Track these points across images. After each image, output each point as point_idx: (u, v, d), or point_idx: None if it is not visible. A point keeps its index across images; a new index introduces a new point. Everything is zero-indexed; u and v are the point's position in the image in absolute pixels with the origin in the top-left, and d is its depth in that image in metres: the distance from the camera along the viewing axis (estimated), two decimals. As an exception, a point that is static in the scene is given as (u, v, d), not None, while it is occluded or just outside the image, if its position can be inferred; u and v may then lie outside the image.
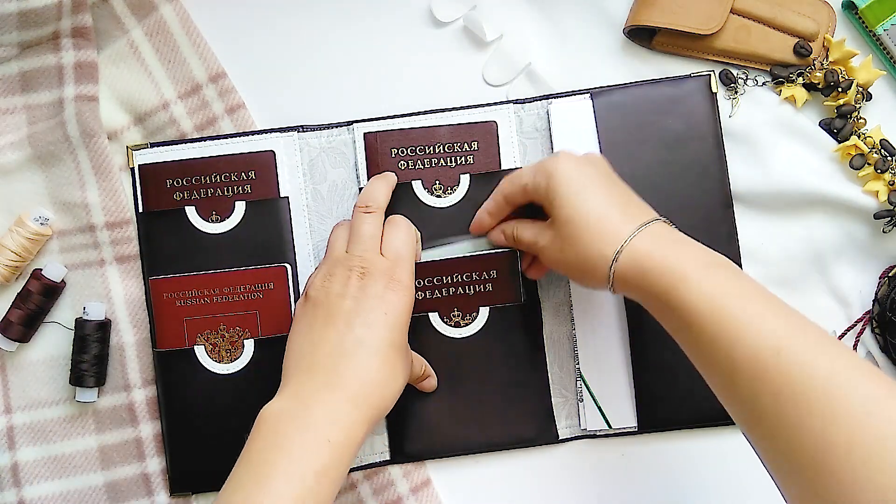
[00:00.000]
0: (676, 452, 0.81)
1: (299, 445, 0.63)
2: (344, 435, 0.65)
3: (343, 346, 0.68)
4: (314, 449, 0.63)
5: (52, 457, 0.80)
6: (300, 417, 0.65)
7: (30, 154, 0.80)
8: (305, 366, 0.68)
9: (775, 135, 0.81)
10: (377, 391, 0.68)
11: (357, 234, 0.73)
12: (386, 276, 0.71)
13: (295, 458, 0.63)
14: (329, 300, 0.70)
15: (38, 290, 0.79)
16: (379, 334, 0.69)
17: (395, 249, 0.73)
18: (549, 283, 0.81)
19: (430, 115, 0.81)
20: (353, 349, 0.68)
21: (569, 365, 0.81)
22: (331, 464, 0.63)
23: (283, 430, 0.64)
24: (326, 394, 0.66)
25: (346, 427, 0.65)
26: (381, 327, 0.69)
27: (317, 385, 0.67)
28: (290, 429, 0.64)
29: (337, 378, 0.67)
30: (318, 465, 0.63)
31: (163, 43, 0.82)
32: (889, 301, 0.78)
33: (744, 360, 0.59)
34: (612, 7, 0.83)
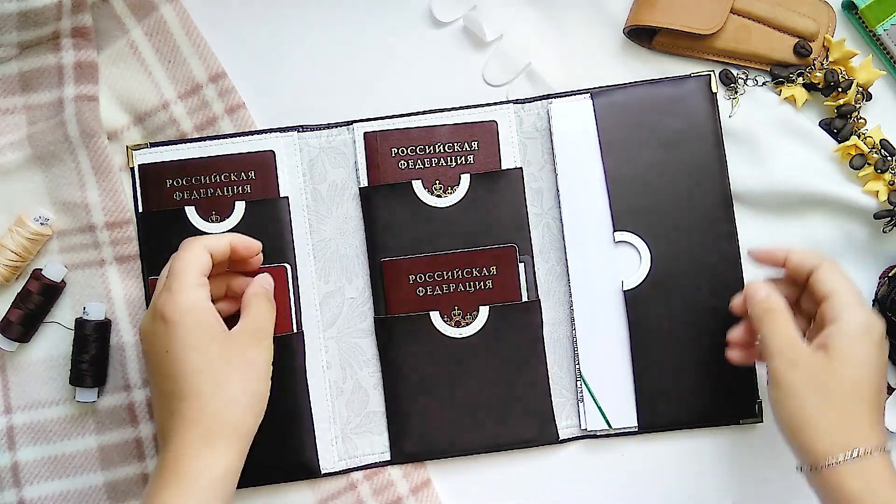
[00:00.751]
0: (676, 452, 0.81)
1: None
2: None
3: (167, 412, 0.69)
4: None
5: (52, 457, 0.80)
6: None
7: (30, 154, 0.80)
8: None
9: (775, 135, 0.81)
10: (209, 414, 0.68)
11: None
12: (154, 315, 0.69)
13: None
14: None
15: (38, 290, 0.79)
16: (175, 372, 0.68)
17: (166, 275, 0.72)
18: (549, 283, 0.81)
19: (430, 114, 0.81)
20: (170, 409, 0.69)
21: (569, 365, 0.81)
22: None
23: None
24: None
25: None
26: (173, 365, 0.68)
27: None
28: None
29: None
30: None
31: (163, 43, 0.82)
32: (889, 301, 0.78)
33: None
34: (612, 7, 0.83)
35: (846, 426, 0.65)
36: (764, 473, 0.81)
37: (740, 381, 0.80)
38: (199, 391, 0.67)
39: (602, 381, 0.80)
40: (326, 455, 0.80)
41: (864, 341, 0.67)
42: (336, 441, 0.81)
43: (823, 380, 0.66)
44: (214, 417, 0.67)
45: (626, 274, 0.80)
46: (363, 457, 0.81)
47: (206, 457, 0.66)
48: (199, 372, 0.67)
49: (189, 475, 0.66)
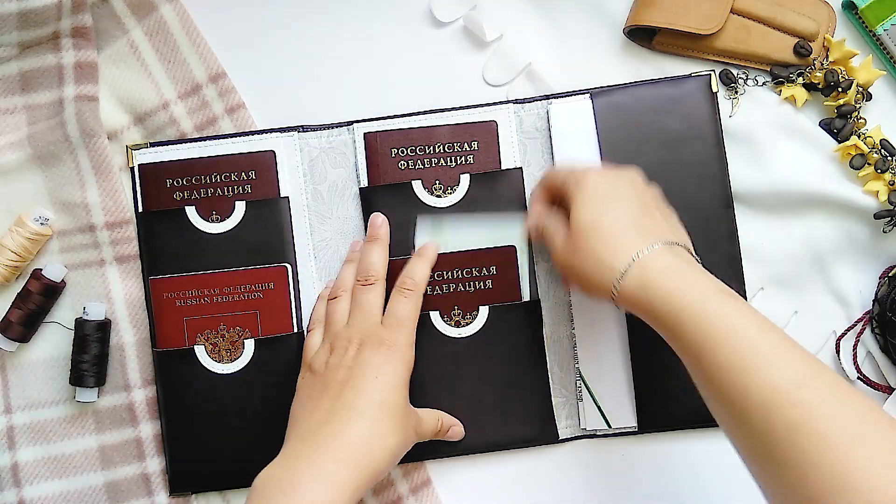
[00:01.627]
0: (676, 452, 0.81)
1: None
2: (329, 495, 0.65)
3: (332, 412, 0.70)
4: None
5: (52, 457, 0.80)
6: (286, 481, 0.66)
7: (30, 154, 0.80)
8: (298, 434, 0.71)
9: (775, 135, 0.81)
10: (364, 450, 0.68)
11: (358, 307, 0.76)
12: (382, 344, 0.73)
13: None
14: (326, 372, 0.73)
15: (38, 290, 0.79)
16: (368, 397, 0.70)
17: (395, 316, 0.76)
18: (549, 283, 0.81)
19: (430, 114, 0.81)
20: (341, 413, 0.69)
21: (569, 365, 0.81)
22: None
23: (270, 495, 0.65)
24: (312, 457, 0.67)
25: (332, 486, 0.65)
26: (370, 390, 0.70)
27: (305, 450, 0.68)
28: (276, 492, 0.65)
29: (323, 441, 0.68)
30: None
31: (163, 43, 0.82)
32: (889, 301, 0.78)
33: (760, 391, 0.58)
34: (612, 7, 0.83)
35: (638, 236, 0.68)
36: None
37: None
38: (374, 421, 0.70)
39: (601, 380, 0.80)
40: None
41: (577, 189, 0.70)
42: (336, 441, 0.80)
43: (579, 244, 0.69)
44: (363, 450, 0.68)
45: (625, 274, 0.80)
46: (363, 457, 0.81)
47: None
48: (384, 406, 0.70)
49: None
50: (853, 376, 0.80)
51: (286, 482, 0.65)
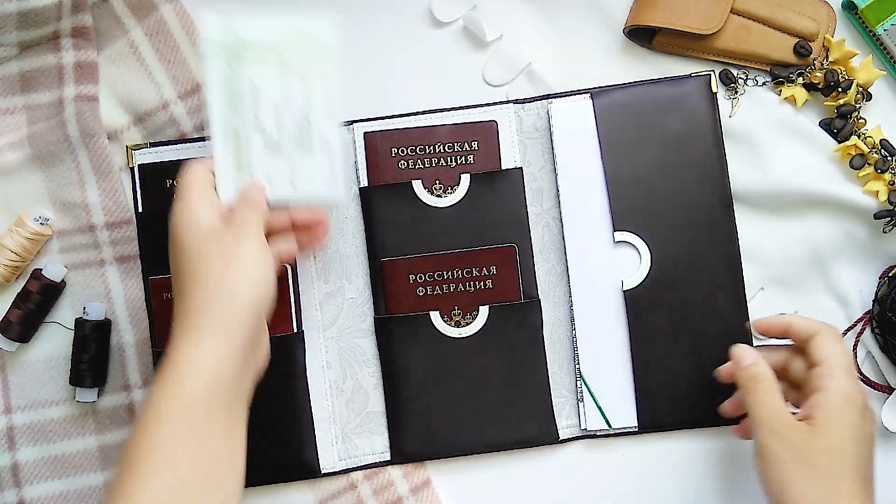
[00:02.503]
0: (677, 452, 0.81)
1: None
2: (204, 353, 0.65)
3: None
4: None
5: (52, 457, 0.80)
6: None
7: (30, 154, 0.80)
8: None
9: (775, 135, 0.81)
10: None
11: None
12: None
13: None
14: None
15: (38, 290, 0.79)
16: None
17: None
18: (549, 282, 0.81)
19: (431, 114, 0.81)
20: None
21: (569, 365, 0.81)
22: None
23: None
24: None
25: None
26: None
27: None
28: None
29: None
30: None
31: (163, 43, 0.82)
32: (889, 301, 0.78)
33: None
34: (612, 7, 0.83)
35: (831, 502, 0.64)
36: (764, 473, 0.81)
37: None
38: (184, 286, 0.67)
39: (602, 380, 0.80)
40: (326, 455, 0.80)
41: (847, 410, 0.66)
42: (336, 441, 0.80)
43: (807, 453, 0.65)
44: (197, 311, 0.66)
45: (625, 274, 0.80)
46: (363, 457, 0.81)
47: (190, 349, 0.64)
48: (191, 269, 0.67)
49: (174, 368, 0.64)
50: (853, 376, 0.80)
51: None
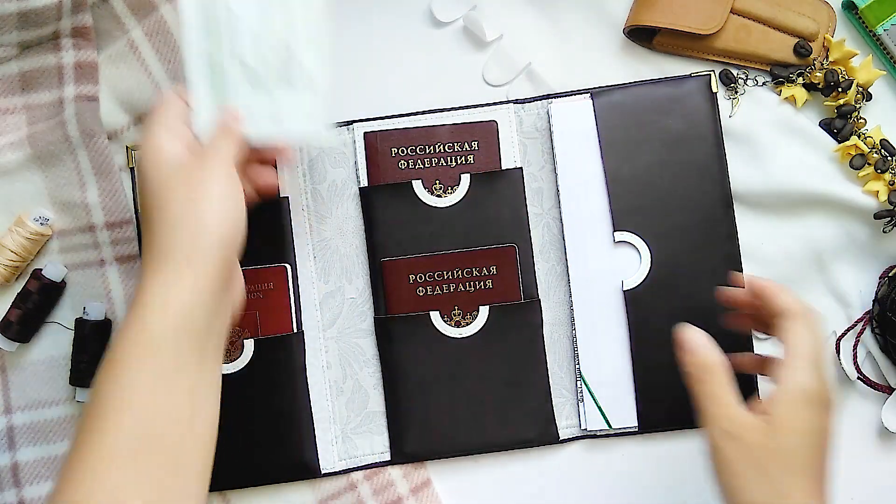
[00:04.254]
0: (677, 452, 0.81)
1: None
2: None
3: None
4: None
5: (52, 457, 0.80)
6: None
7: (30, 154, 0.80)
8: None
9: (775, 135, 0.81)
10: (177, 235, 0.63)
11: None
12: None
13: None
14: None
15: (38, 290, 0.79)
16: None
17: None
18: (549, 282, 0.81)
19: (431, 114, 0.81)
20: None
21: (569, 365, 0.81)
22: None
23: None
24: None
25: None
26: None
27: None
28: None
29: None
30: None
31: (163, 43, 0.82)
32: (889, 301, 0.78)
33: None
34: (612, 7, 0.83)
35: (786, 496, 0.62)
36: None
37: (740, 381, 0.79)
38: (150, 221, 0.64)
39: (602, 381, 0.80)
40: (326, 455, 0.80)
41: (805, 409, 0.62)
42: (336, 441, 0.81)
43: (759, 455, 0.62)
44: (162, 245, 0.63)
45: (626, 274, 0.80)
46: (363, 457, 0.81)
47: (156, 286, 0.62)
48: (156, 204, 0.64)
49: (140, 306, 0.61)
50: (853, 376, 0.80)
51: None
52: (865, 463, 0.81)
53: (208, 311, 0.63)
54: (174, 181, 0.64)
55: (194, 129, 0.69)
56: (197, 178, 0.64)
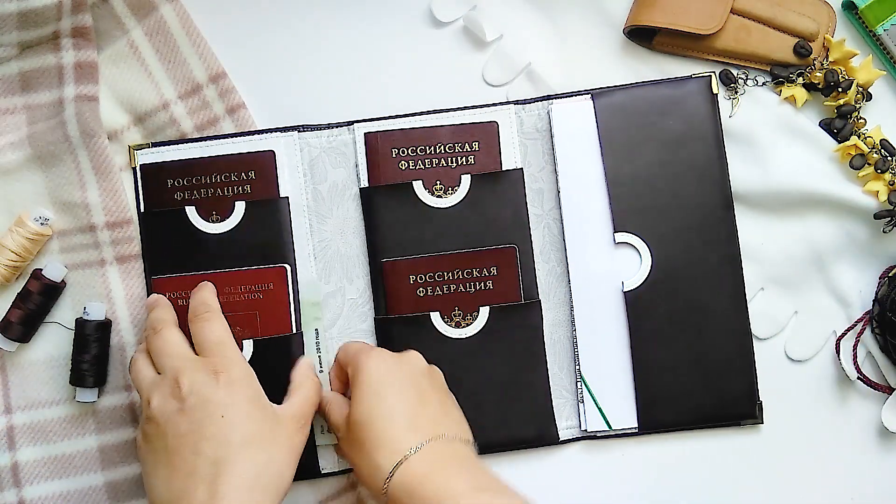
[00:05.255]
0: (677, 453, 0.81)
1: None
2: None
3: (201, 475, 0.66)
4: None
5: (52, 457, 0.80)
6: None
7: (30, 154, 0.80)
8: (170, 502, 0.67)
9: (775, 135, 0.81)
10: (259, 486, 0.66)
11: (159, 354, 0.72)
12: (216, 373, 0.70)
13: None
14: (165, 425, 0.68)
15: (38, 290, 0.79)
16: (227, 438, 0.67)
17: (210, 340, 0.72)
18: (549, 283, 0.81)
19: (431, 115, 0.81)
20: (211, 474, 0.66)
21: (569, 366, 0.81)
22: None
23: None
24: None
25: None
26: (226, 431, 0.68)
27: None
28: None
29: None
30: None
31: (163, 43, 0.81)
32: (889, 301, 0.78)
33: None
34: (612, 7, 0.83)
35: (408, 431, 0.69)
36: (764, 475, 0.81)
37: (741, 382, 0.80)
38: (251, 460, 0.67)
39: (602, 381, 0.80)
40: (327, 455, 0.80)
41: (370, 368, 0.72)
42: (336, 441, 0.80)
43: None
44: (258, 489, 0.66)
45: (626, 275, 0.80)
46: (363, 457, 0.81)
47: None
48: (251, 443, 0.67)
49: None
50: (853, 376, 0.80)
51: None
52: (865, 463, 0.81)
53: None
54: (269, 427, 0.70)
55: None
56: (295, 441, 0.71)
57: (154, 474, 0.68)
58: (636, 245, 0.80)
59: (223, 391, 0.69)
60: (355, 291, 0.81)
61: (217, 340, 0.72)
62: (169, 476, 0.67)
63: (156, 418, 0.68)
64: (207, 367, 0.70)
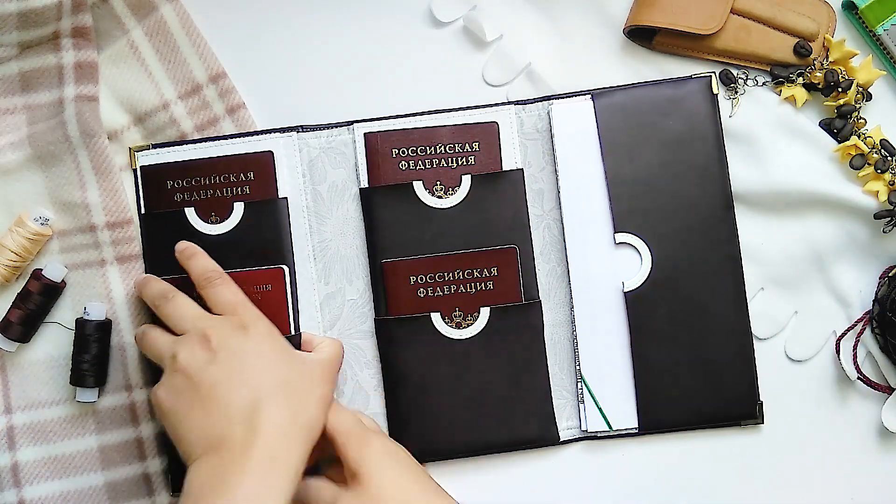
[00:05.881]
0: (677, 453, 0.81)
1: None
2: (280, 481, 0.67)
3: (239, 417, 0.68)
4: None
5: (52, 457, 0.80)
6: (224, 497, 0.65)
7: (30, 154, 0.80)
8: (208, 444, 0.68)
9: (775, 135, 0.81)
10: (294, 428, 0.69)
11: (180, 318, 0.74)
12: (243, 327, 0.73)
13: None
14: (200, 374, 0.70)
15: (39, 290, 0.79)
16: (261, 382, 0.70)
17: (229, 301, 0.75)
18: (550, 284, 0.81)
19: (431, 115, 0.81)
20: (248, 414, 0.68)
21: (570, 366, 0.81)
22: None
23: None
24: (242, 473, 0.66)
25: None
26: (262, 373, 0.70)
27: (229, 460, 0.67)
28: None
29: (249, 449, 0.67)
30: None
31: (163, 43, 0.81)
32: (889, 301, 0.78)
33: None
34: (612, 7, 0.83)
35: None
36: (764, 475, 0.81)
37: (741, 382, 0.80)
38: (285, 403, 0.69)
39: (603, 382, 0.80)
40: (327, 455, 0.80)
41: (382, 444, 0.74)
42: (337, 442, 0.81)
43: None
44: (294, 428, 0.69)
45: (626, 275, 0.80)
46: (364, 457, 0.81)
47: (292, 457, 0.68)
48: (285, 386, 0.70)
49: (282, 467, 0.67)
50: (853, 376, 0.80)
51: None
52: (865, 463, 0.81)
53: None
54: (299, 373, 0.73)
55: None
56: (323, 390, 0.74)
57: (188, 420, 0.69)
58: (636, 245, 0.80)
59: (252, 342, 0.72)
60: (355, 292, 0.81)
61: (237, 300, 0.75)
62: (203, 419, 0.69)
63: (185, 370, 0.70)
64: (234, 323, 0.73)
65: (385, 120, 0.81)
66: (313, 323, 0.80)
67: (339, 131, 0.82)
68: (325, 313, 0.81)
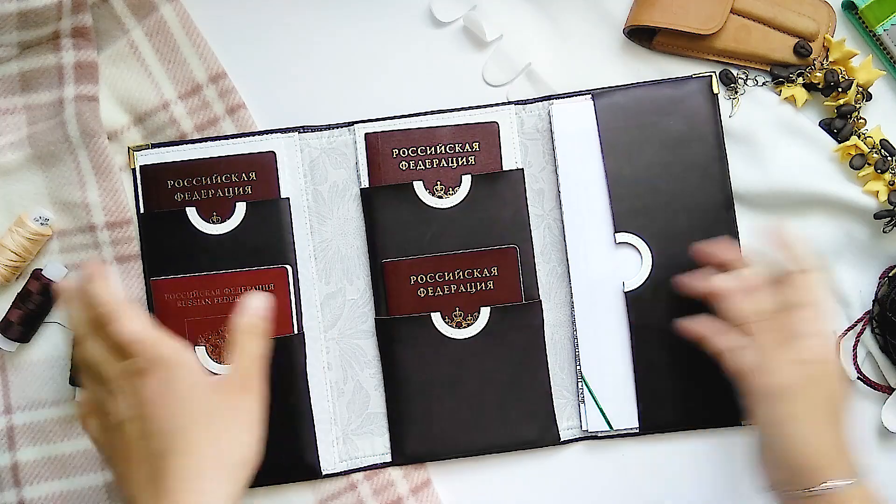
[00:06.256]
0: (678, 453, 0.81)
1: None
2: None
3: (146, 477, 0.64)
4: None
5: (52, 457, 0.80)
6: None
7: (30, 154, 0.80)
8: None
9: (775, 135, 0.81)
10: (218, 465, 0.65)
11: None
12: (147, 370, 0.65)
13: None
14: (119, 431, 0.66)
15: (38, 290, 0.79)
16: (163, 430, 0.64)
17: (135, 335, 0.65)
18: (550, 283, 0.81)
19: (432, 115, 0.81)
20: (154, 472, 0.64)
21: (570, 366, 0.81)
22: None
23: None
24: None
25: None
26: (174, 422, 0.64)
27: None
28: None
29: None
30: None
31: (163, 43, 0.81)
32: (889, 301, 0.78)
33: None
34: (612, 7, 0.83)
35: (840, 451, 0.69)
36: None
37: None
38: (195, 444, 0.64)
39: (603, 382, 0.80)
40: (327, 456, 0.80)
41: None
42: (337, 442, 0.81)
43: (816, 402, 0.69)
44: (209, 471, 0.63)
45: (627, 275, 0.80)
46: (364, 458, 0.81)
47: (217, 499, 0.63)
48: (194, 424, 0.64)
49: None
50: (853, 376, 0.80)
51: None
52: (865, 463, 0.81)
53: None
54: (210, 402, 0.65)
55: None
56: (242, 406, 0.67)
57: (112, 469, 0.69)
58: (637, 245, 0.80)
59: (150, 391, 0.64)
60: (356, 292, 0.81)
61: (130, 339, 0.65)
62: (120, 487, 0.67)
63: (98, 442, 0.68)
64: (130, 373, 0.65)
65: (385, 120, 0.81)
66: (314, 322, 0.80)
67: (340, 132, 0.82)
68: (325, 313, 0.81)
